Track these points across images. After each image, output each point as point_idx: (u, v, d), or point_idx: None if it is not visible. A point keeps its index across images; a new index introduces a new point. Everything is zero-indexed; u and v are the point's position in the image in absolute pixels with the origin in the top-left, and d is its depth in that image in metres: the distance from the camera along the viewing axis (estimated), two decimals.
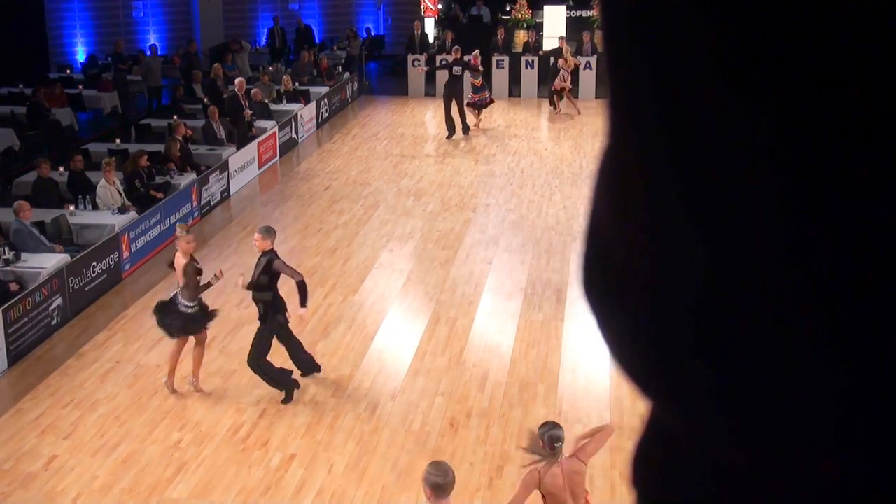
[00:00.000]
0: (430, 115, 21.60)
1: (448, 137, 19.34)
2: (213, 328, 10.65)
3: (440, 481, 5.69)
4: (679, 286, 0.43)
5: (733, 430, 0.44)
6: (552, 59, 21.57)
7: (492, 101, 20.40)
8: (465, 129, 19.53)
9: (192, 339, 9.33)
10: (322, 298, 11.55)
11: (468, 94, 20.04)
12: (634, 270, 0.45)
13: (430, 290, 11.83)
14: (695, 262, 0.42)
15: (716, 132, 0.41)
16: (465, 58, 19.84)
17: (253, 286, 9.01)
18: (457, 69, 19.42)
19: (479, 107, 20.11)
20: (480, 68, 20.33)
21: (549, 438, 6.20)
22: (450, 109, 19.24)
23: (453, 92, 19.30)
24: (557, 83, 20.98)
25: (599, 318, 0.48)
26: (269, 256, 8.95)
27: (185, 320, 9.20)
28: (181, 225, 10.57)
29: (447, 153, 18.47)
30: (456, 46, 20.55)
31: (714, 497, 0.47)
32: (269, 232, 9.13)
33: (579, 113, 20.96)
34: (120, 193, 13.25)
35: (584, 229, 0.50)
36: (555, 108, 21.29)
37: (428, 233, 13.89)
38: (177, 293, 9.27)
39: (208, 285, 9.28)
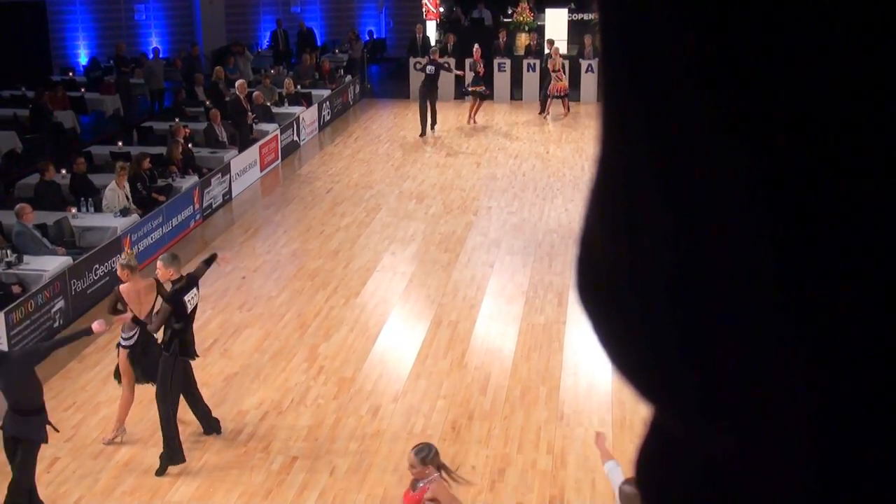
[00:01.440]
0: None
1: (421, 136, 19.80)
2: (213, 330, 10.70)
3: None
4: (662, 285, 0.44)
5: (721, 427, 0.45)
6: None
7: (489, 93, 20.77)
8: (433, 126, 19.96)
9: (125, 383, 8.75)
10: (324, 301, 11.56)
11: (468, 83, 20.84)
12: (621, 271, 0.46)
13: (432, 293, 11.83)
14: (675, 262, 0.44)
15: (698, 141, 0.42)
16: (442, 59, 20.64)
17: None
18: (430, 69, 19.94)
19: (477, 95, 20.41)
20: (473, 71, 20.66)
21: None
22: (425, 108, 19.74)
23: (428, 92, 19.78)
24: (552, 87, 21.01)
25: (593, 319, 0.49)
26: (174, 286, 8.28)
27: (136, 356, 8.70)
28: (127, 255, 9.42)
29: (449, 156, 18.48)
30: (433, 48, 20.99)
31: (712, 496, 0.48)
32: (173, 260, 8.43)
33: (547, 115, 21.20)
34: (128, 198, 13.25)
35: (578, 233, 0.51)
36: (543, 110, 21.41)
37: (430, 236, 13.89)
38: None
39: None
